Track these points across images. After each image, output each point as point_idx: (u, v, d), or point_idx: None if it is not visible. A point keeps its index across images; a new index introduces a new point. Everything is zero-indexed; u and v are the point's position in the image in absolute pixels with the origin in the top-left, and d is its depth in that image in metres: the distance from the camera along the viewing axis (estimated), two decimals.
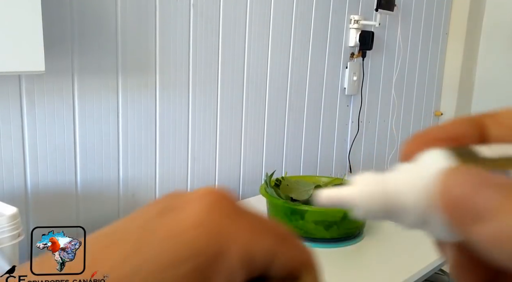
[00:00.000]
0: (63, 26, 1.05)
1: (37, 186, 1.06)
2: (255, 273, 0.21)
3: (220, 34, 1.34)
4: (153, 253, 0.19)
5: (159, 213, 0.21)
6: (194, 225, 0.20)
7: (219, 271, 0.20)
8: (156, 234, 0.20)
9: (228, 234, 0.20)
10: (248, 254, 0.20)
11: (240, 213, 0.22)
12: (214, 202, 0.21)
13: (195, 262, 0.19)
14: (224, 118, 1.40)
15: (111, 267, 0.19)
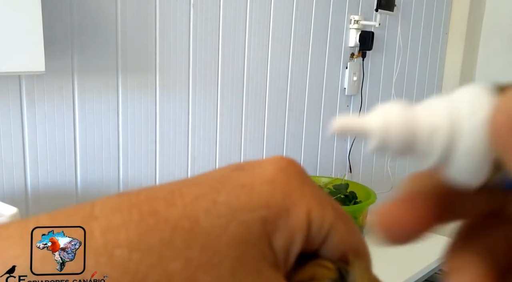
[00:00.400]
0: (63, 26, 1.05)
1: (37, 186, 1.06)
2: (312, 244, 0.21)
3: (220, 34, 1.34)
4: (224, 197, 0.20)
5: (234, 169, 0.22)
6: (266, 180, 0.21)
7: (282, 228, 0.20)
8: (230, 182, 0.21)
9: (296, 195, 0.21)
10: (310, 218, 0.21)
11: (308, 180, 0.22)
12: (286, 165, 0.22)
13: (263, 212, 0.20)
14: (224, 118, 1.40)
15: (183, 205, 0.19)
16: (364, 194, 1.27)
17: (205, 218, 0.19)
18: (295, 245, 0.21)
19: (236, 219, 0.19)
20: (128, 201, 0.20)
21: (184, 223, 0.19)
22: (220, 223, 0.19)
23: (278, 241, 0.20)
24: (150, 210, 0.19)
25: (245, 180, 0.21)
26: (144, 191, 0.20)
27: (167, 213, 0.19)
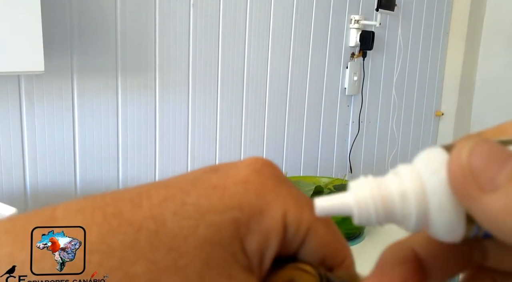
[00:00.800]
0: (63, 26, 1.04)
1: (36, 186, 1.06)
2: (290, 248, 0.21)
3: (220, 34, 1.34)
4: (193, 199, 0.19)
5: (208, 170, 0.21)
6: (239, 181, 0.20)
7: (256, 230, 0.20)
8: (201, 184, 0.20)
9: (271, 196, 0.20)
10: (286, 220, 0.20)
11: (284, 182, 0.22)
12: (261, 167, 0.21)
13: (234, 214, 0.19)
14: (224, 118, 1.40)
15: (150, 206, 0.19)
16: None
17: (172, 220, 0.19)
18: (270, 248, 0.20)
19: (206, 220, 0.19)
20: (92, 203, 0.19)
21: (149, 225, 0.18)
22: (188, 225, 0.19)
23: (251, 244, 0.20)
24: (114, 211, 0.19)
25: (217, 181, 0.20)
26: (110, 194, 0.20)
27: (132, 215, 0.19)
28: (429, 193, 0.18)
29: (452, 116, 2.27)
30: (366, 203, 0.19)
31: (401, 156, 2.12)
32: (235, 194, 0.20)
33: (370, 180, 0.20)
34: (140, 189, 0.20)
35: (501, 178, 0.16)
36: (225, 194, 0.20)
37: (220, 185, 0.20)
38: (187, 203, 0.19)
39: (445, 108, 2.29)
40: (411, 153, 2.19)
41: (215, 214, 0.19)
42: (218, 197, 0.20)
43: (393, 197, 0.19)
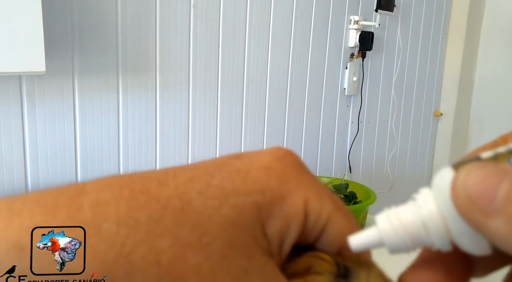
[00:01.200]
0: (64, 26, 1.05)
1: (37, 186, 1.06)
2: (309, 236, 0.21)
3: (220, 34, 1.34)
4: (218, 180, 0.20)
5: (232, 157, 0.22)
6: (262, 167, 0.21)
7: (277, 215, 0.20)
8: (225, 168, 0.21)
9: (293, 183, 0.21)
10: (307, 207, 0.20)
11: (306, 170, 0.22)
12: (283, 155, 0.22)
13: (257, 197, 0.20)
14: (224, 118, 1.40)
15: (176, 185, 0.19)
16: (364, 194, 1.27)
17: (197, 199, 0.19)
18: (290, 234, 0.20)
19: (229, 201, 0.19)
20: (120, 180, 0.20)
21: (175, 202, 0.19)
22: (212, 204, 0.19)
23: (272, 228, 0.20)
24: (142, 188, 0.19)
25: (240, 166, 0.21)
26: (137, 173, 0.20)
27: (159, 192, 0.19)
28: (446, 219, 0.18)
29: (451, 116, 2.26)
30: (391, 236, 0.20)
31: (400, 156, 2.12)
32: (257, 178, 0.20)
33: (392, 212, 0.20)
34: (166, 170, 0.21)
35: (498, 200, 0.16)
36: (248, 177, 0.20)
37: (244, 169, 0.21)
38: (211, 184, 0.20)
39: (444, 108, 2.29)
40: (410, 153, 2.19)
41: (238, 196, 0.20)
42: (241, 180, 0.20)
43: (414, 226, 0.19)
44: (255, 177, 0.20)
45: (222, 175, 0.20)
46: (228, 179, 0.20)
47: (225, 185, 0.20)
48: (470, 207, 0.17)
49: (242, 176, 0.20)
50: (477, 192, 0.17)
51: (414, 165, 2.23)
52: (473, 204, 0.17)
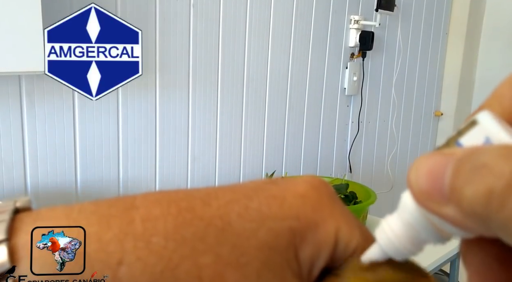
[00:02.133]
0: None
1: (37, 186, 1.06)
2: (336, 262, 0.22)
3: (220, 34, 1.34)
4: (256, 204, 0.21)
5: (268, 182, 0.23)
6: (298, 194, 0.22)
7: (310, 241, 0.21)
8: (263, 192, 0.22)
9: (327, 212, 0.22)
10: (338, 236, 0.21)
11: (338, 201, 0.23)
12: (318, 184, 0.23)
13: (292, 223, 0.21)
14: (224, 118, 1.40)
15: (217, 206, 0.21)
16: (364, 194, 1.27)
17: (237, 220, 0.20)
18: (320, 259, 0.21)
19: (266, 225, 0.20)
20: (167, 196, 0.21)
21: (217, 222, 0.20)
22: (250, 227, 0.20)
23: (305, 253, 0.21)
24: (187, 206, 0.20)
25: (277, 192, 0.22)
26: (182, 191, 0.22)
27: (202, 211, 0.20)
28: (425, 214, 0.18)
29: (452, 116, 2.27)
30: (391, 247, 0.20)
31: (400, 156, 2.12)
32: (293, 205, 0.21)
33: (384, 224, 0.21)
34: (208, 190, 0.22)
35: (445, 187, 0.16)
36: (284, 204, 0.21)
37: (280, 196, 0.21)
38: (250, 207, 0.21)
39: (445, 108, 2.29)
40: (410, 153, 2.19)
41: (275, 220, 0.21)
42: (278, 205, 0.21)
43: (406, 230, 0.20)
44: (291, 204, 0.21)
45: (259, 199, 0.21)
46: (266, 204, 0.21)
47: (262, 209, 0.21)
48: (426, 200, 0.17)
49: (278, 202, 0.21)
50: (427, 185, 0.17)
51: None
52: (428, 197, 0.17)
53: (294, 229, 0.21)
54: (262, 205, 0.21)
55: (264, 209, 0.21)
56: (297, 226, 0.21)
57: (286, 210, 0.21)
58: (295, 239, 0.21)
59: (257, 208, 0.21)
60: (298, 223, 0.21)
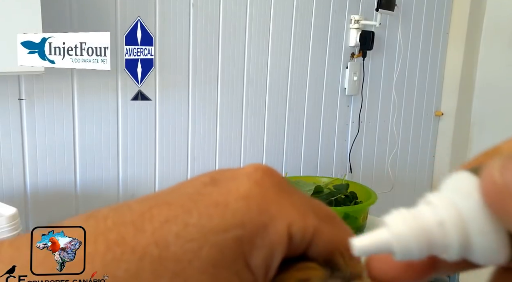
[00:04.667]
0: (63, 26, 1.04)
1: (36, 186, 1.06)
2: (296, 252, 0.21)
3: (220, 34, 1.34)
4: (195, 219, 0.19)
5: (208, 183, 0.21)
6: (242, 196, 0.20)
7: (260, 245, 0.20)
8: (202, 201, 0.20)
9: (274, 209, 0.20)
10: (291, 231, 0.20)
11: (286, 191, 0.22)
12: (262, 178, 0.21)
13: (237, 232, 0.19)
14: (224, 118, 1.40)
15: (152, 230, 0.19)
16: (364, 194, 1.27)
17: (175, 243, 0.19)
18: (275, 259, 0.20)
19: (209, 241, 0.19)
20: (94, 228, 0.19)
21: (152, 250, 0.18)
22: (191, 247, 0.19)
23: (256, 259, 0.20)
24: (117, 238, 0.19)
25: (218, 198, 0.20)
26: (112, 214, 0.20)
27: (135, 241, 0.18)
28: (466, 218, 0.18)
29: (452, 116, 2.27)
30: (405, 237, 0.19)
31: (401, 156, 2.12)
32: (237, 210, 0.20)
33: (404, 212, 0.19)
34: (142, 208, 0.20)
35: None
36: (227, 211, 0.20)
37: (221, 202, 0.20)
38: (189, 224, 0.19)
39: (445, 108, 2.29)
40: (411, 153, 2.20)
41: (218, 234, 0.19)
42: (220, 215, 0.19)
43: (431, 227, 0.18)
44: (234, 210, 0.20)
45: (199, 211, 0.19)
46: (206, 216, 0.19)
47: (203, 223, 0.19)
48: (506, 197, 0.16)
49: (220, 210, 0.20)
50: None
51: (415, 165, 2.23)
52: (510, 194, 0.16)
53: (240, 238, 0.19)
54: (202, 217, 0.19)
55: (205, 222, 0.19)
56: (243, 234, 0.19)
57: (230, 218, 0.19)
58: (243, 248, 0.19)
59: (197, 223, 0.19)
60: (244, 230, 0.19)
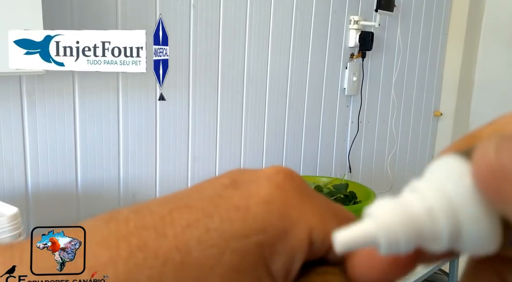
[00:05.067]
0: (64, 26, 1.05)
1: (37, 186, 1.06)
2: (316, 256, 0.21)
3: (220, 34, 1.34)
4: (217, 223, 0.19)
5: (228, 185, 0.21)
6: (263, 201, 0.20)
7: (281, 251, 0.19)
8: (224, 205, 0.20)
9: (295, 214, 0.20)
10: (312, 236, 0.20)
11: (307, 194, 0.21)
12: (283, 181, 0.21)
13: (259, 238, 0.19)
14: (224, 118, 1.40)
15: (174, 235, 0.19)
16: (364, 193, 1.27)
17: (197, 248, 0.18)
18: (295, 264, 0.20)
19: (230, 247, 0.19)
20: (116, 231, 0.19)
21: (175, 256, 0.18)
22: (213, 253, 0.18)
23: (277, 265, 0.19)
24: (139, 242, 0.18)
25: (239, 201, 0.20)
26: (133, 217, 0.19)
27: (157, 245, 0.18)
28: (457, 204, 0.17)
29: (451, 117, 2.27)
30: (392, 228, 0.17)
31: (400, 156, 2.12)
32: (258, 215, 0.19)
33: (389, 201, 0.18)
34: (163, 211, 0.20)
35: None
36: (248, 216, 0.19)
37: (242, 206, 0.20)
38: (210, 229, 0.19)
39: (444, 109, 2.29)
40: (410, 153, 2.19)
41: (239, 239, 0.19)
42: (241, 220, 0.19)
43: (419, 215, 0.17)
44: (255, 214, 0.19)
45: (220, 215, 0.19)
46: (227, 220, 0.19)
47: (224, 228, 0.19)
48: (501, 179, 0.15)
49: (241, 215, 0.19)
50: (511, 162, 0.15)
51: (414, 164, 2.23)
52: (505, 176, 0.15)
53: (261, 244, 0.19)
54: (223, 222, 0.19)
55: (226, 227, 0.19)
56: (265, 239, 0.19)
57: (251, 223, 0.19)
58: (264, 254, 0.19)
59: (218, 228, 0.19)
60: (265, 236, 0.19)
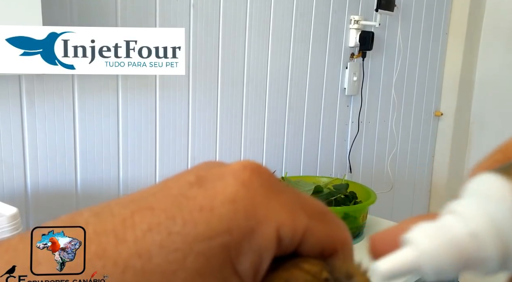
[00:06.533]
0: (63, 25, 1.04)
1: (37, 186, 1.06)
2: (287, 251, 0.20)
3: (220, 34, 1.34)
4: (179, 226, 0.18)
5: (193, 182, 0.20)
6: (228, 200, 0.19)
7: (247, 251, 0.19)
8: (187, 205, 0.19)
9: (262, 212, 0.19)
10: (280, 233, 0.19)
11: (275, 190, 0.21)
12: (250, 178, 0.20)
13: (224, 239, 0.19)
14: (224, 118, 1.40)
15: (134, 240, 0.18)
16: (364, 194, 1.27)
17: (158, 254, 0.18)
18: (263, 263, 0.19)
19: (194, 250, 0.18)
20: None
21: (135, 263, 0.18)
22: (176, 258, 0.18)
23: (244, 265, 0.19)
24: (98, 250, 0.18)
25: (203, 201, 0.19)
26: (93, 221, 0.19)
27: (117, 252, 0.18)
28: (502, 226, 0.16)
29: (452, 116, 2.27)
30: (436, 255, 0.17)
31: (400, 156, 2.12)
32: (223, 216, 0.19)
33: (428, 226, 0.17)
34: (124, 213, 0.19)
35: None
36: (213, 217, 0.19)
37: (207, 206, 0.19)
38: (173, 232, 0.18)
39: (445, 108, 2.29)
40: (410, 153, 2.19)
41: (203, 242, 0.18)
42: (205, 221, 0.19)
43: (463, 240, 0.16)
44: (220, 215, 0.19)
45: (183, 217, 0.18)
46: (191, 222, 0.18)
47: (187, 231, 0.18)
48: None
49: (205, 217, 0.19)
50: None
51: (415, 165, 2.23)
52: None
53: (226, 245, 0.18)
54: (186, 224, 0.18)
55: (190, 230, 0.18)
56: (230, 240, 0.18)
57: (215, 224, 0.18)
58: (229, 255, 0.19)
59: (181, 231, 0.18)
60: (231, 237, 0.18)
